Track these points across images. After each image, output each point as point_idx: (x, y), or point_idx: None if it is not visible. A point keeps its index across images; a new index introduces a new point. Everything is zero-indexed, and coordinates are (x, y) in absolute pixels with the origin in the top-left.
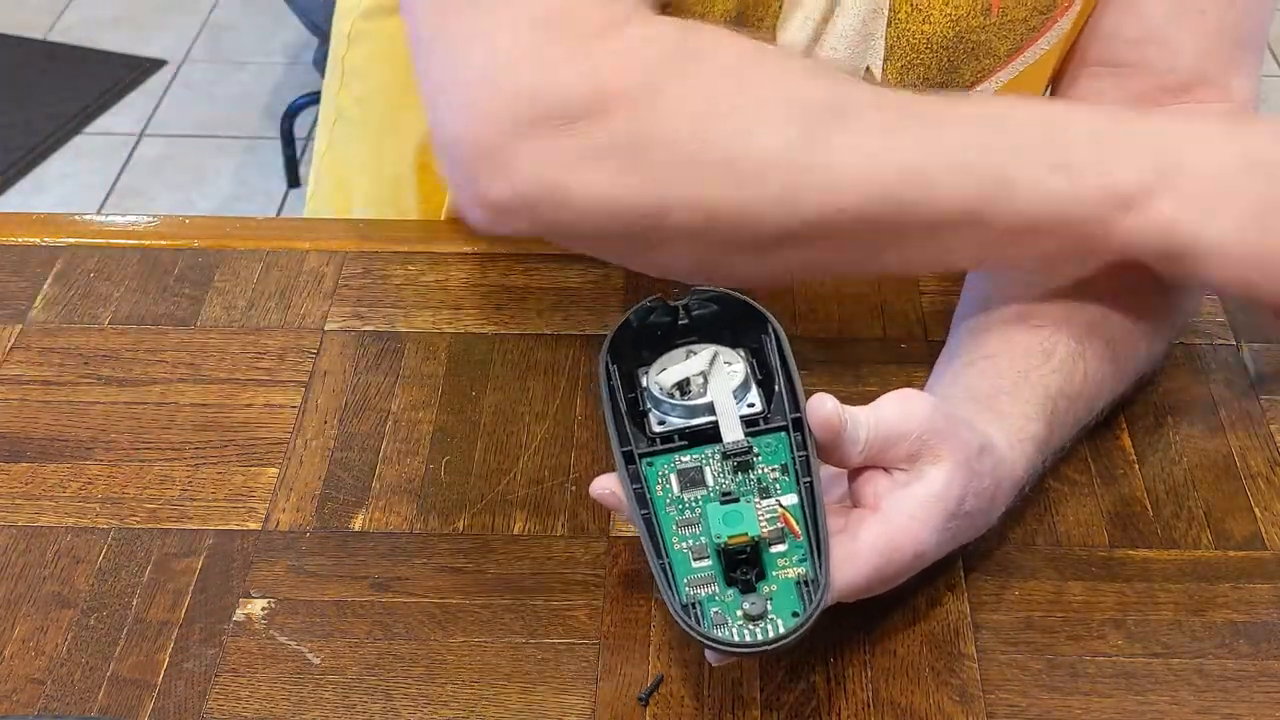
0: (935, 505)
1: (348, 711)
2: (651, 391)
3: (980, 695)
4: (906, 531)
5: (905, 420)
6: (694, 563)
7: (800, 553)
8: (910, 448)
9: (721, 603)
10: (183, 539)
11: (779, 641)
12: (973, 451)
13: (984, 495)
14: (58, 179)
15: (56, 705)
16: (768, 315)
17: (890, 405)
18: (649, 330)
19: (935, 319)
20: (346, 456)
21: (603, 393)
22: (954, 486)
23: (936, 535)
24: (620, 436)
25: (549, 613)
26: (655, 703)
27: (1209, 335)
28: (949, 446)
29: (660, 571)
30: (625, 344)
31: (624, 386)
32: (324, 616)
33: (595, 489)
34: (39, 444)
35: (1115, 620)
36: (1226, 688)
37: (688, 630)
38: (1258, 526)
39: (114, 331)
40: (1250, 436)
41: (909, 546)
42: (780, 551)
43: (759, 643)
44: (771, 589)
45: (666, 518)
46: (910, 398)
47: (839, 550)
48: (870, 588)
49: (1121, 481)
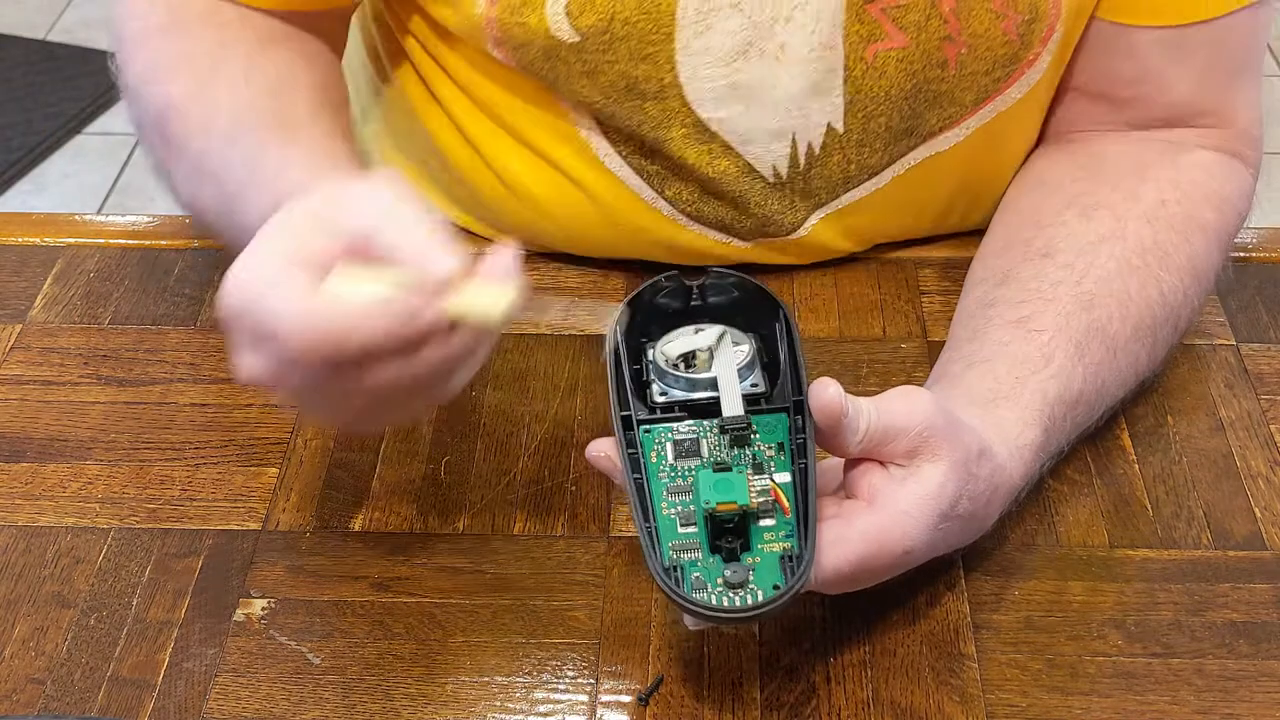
0: (929, 504)
1: (348, 711)
2: (656, 363)
3: (980, 695)
4: (898, 526)
5: (908, 415)
6: (680, 528)
7: (787, 529)
8: (910, 444)
9: (704, 568)
10: (183, 539)
11: (757, 610)
12: (972, 454)
13: (979, 499)
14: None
15: (56, 705)
16: (780, 302)
17: (894, 399)
18: (661, 307)
19: (935, 319)
20: (346, 456)
21: (608, 358)
22: (949, 487)
23: (928, 534)
24: (620, 401)
25: (549, 613)
26: (655, 703)
27: (1209, 335)
28: (949, 446)
29: (645, 534)
30: (636, 317)
31: (630, 359)
32: (324, 616)
33: (590, 452)
34: (39, 444)
35: (1115, 620)
36: (1226, 688)
37: (667, 592)
38: (1258, 526)
39: (114, 331)
40: (1250, 436)
41: (899, 542)
42: (768, 526)
43: (736, 609)
44: (755, 560)
45: (658, 484)
46: (915, 394)
47: (828, 533)
48: (855, 577)
49: (1121, 482)
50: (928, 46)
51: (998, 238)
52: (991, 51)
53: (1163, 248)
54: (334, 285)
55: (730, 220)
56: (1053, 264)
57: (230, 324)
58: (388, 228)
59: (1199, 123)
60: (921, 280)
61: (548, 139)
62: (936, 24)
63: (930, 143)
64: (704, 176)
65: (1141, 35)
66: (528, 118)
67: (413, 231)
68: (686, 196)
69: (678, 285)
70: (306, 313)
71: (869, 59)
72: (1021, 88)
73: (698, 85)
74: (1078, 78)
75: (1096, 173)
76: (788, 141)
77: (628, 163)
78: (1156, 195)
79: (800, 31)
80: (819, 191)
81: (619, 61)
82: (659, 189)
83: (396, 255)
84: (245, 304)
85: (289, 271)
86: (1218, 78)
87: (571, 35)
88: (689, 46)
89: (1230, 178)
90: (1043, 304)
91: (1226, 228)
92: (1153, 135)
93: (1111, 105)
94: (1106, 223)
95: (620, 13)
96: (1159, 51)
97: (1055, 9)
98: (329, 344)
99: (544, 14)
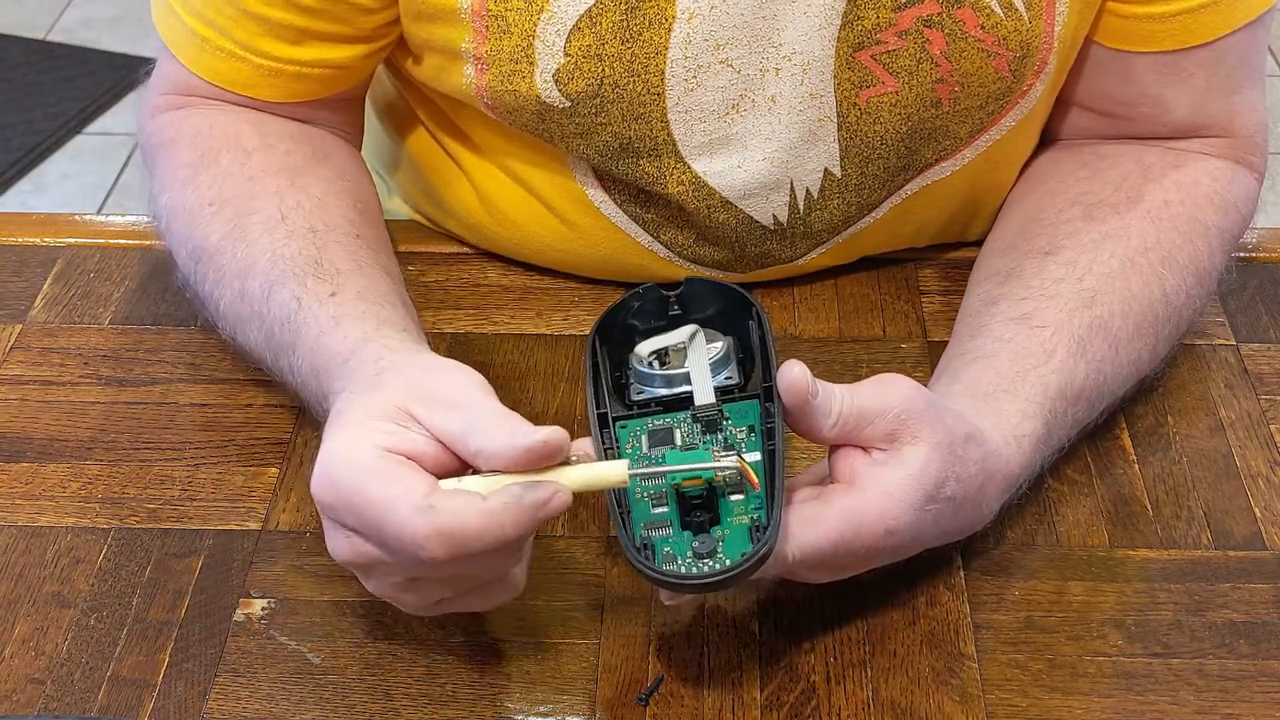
0: (911, 484)
1: (348, 711)
2: (633, 364)
3: (980, 695)
4: (878, 505)
5: (883, 397)
6: (653, 509)
7: (756, 503)
8: (888, 426)
9: (674, 543)
10: (183, 539)
11: (723, 575)
12: (956, 436)
13: (970, 484)
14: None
15: (56, 705)
16: (752, 299)
17: (869, 384)
18: (641, 316)
19: (935, 319)
20: None
21: (586, 361)
22: (932, 468)
23: (912, 514)
24: (596, 400)
25: (549, 613)
26: (655, 703)
27: (1209, 335)
28: (929, 428)
29: (619, 517)
30: (616, 325)
31: (611, 367)
32: (324, 616)
33: (572, 454)
34: (39, 444)
35: (1115, 620)
36: (1226, 688)
37: (639, 567)
38: (1258, 526)
39: (114, 331)
40: (1250, 436)
41: (879, 520)
42: (737, 501)
43: (703, 574)
44: (724, 533)
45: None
46: (891, 379)
47: (806, 512)
48: (835, 559)
49: (1121, 481)
50: (920, 89)
51: (1001, 237)
52: (984, 88)
53: (1165, 247)
54: (449, 484)
55: (728, 261)
56: (1055, 261)
57: (326, 509)
58: (475, 430)
59: (1201, 134)
60: (921, 280)
61: (543, 183)
62: (928, 67)
63: (927, 173)
64: (702, 225)
65: (1138, 60)
66: (523, 161)
67: (499, 431)
68: (683, 241)
69: (656, 295)
70: (426, 510)
71: (862, 105)
72: (1016, 116)
73: (691, 141)
74: (1077, 94)
75: (1100, 173)
76: (786, 190)
77: (624, 210)
78: (1160, 195)
79: (790, 82)
80: (820, 233)
81: (611, 123)
82: (655, 234)
83: (485, 460)
84: (344, 493)
85: (390, 462)
86: (1217, 95)
87: (562, 101)
88: (680, 104)
89: (1234, 182)
90: (1045, 300)
91: (1230, 230)
92: (1155, 142)
93: (1110, 121)
94: (1110, 221)
95: (609, 76)
96: (1156, 76)
97: (1047, 44)
98: (455, 544)
99: (533, 82)
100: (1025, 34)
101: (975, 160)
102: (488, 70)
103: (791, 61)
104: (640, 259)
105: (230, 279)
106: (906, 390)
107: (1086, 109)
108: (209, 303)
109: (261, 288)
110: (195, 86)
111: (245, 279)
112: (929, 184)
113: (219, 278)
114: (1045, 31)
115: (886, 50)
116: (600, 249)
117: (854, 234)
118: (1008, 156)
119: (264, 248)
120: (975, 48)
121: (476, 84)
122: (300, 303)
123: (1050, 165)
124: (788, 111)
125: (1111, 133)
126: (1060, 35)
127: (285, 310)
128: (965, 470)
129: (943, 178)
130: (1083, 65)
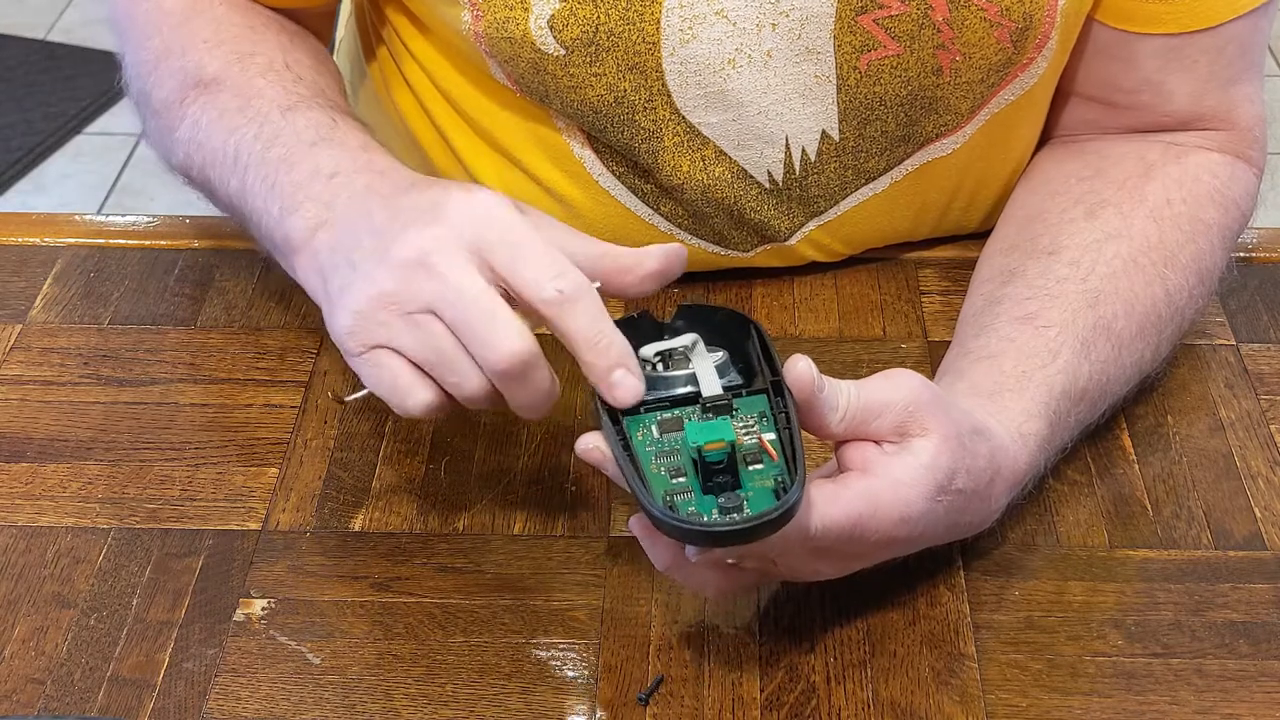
0: (924, 474)
1: (348, 711)
2: None
3: (980, 695)
4: (892, 491)
5: (891, 391)
6: (672, 480)
7: (777, 470)
8: (896, 419)
9: (698, 504)
10: (183, 539)
11: (755, 522)
12: (964, 429)
13: (980, 477)
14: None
15: (56, 705)
16: (748, 317)
17: (876, 378)
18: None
19: (935, 319)
20: (346, 456)
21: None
22: (943, 458)
23: (925, 503)
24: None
25: (549, 613)
26: (655, 703)
27: (1209, 335)
28: (937, 421)
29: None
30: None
31: None
32: (324, 616)
33: (580, 446)
34: (39, 444)
35: (1115, 620)
36: (1226, 688)
37: (665, 521)
38: (1258, 526)
39: (114, 331)
40: (1250, 436)
41: (894, 506)
42: (757, 470)
43: (735, 523)
44: (748, 495)
45: (645, 454)
46: (898, 373)
47: (824, 489)
48: (852, 537)
49: (1121, 482)
50: (922, 54)
51: (1003, 237)
52: (986, 59)
53: (1168, 246)
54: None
55: (726, 231)
56: (1059, 261)
57: (468, 246)
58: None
59: (1201, 126)
60: (922, 280)
61: (539, 160)
62: (930, 33)
63: (928, 148)
64: (699, 184)
65: (1141, 44)
66: (520, 137)
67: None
68: (681, 213)
69: (648, 322)
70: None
71: (862, 68)
72: (1016, 90)
73: (686, 93)
74: (1078, 82)
75: (1102, 172)
76: (781, 146)
77: (622, 181)
78: (1162, 194)
79: (786, 37)
80: (816, 200)
81: (606, 74)
82: (655, 205)
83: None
84: (511, 227)
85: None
86: (1218, 84)
87: (556, 48)
88: (675, 55)
89: (1234, 178)
90: (1049, 300)
91: (1231, 227)
92: (1156, 137)
93: (1112, 110)
94: (1112, 221)
95: (604, 24)
96: (1159, 61)
97: (1050, 16)
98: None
99: (527, 28)
100: (1028, 5)
101: (976, 138)
102: (483, 17)
103: (789, 16)
104: (640, 233)
105: (229, 99)
106: (913, 383)
107: (1087, 99)
108: (188, 136)
109: (280, 110)
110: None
111: (250, 99)
112: (929, 160)
113: (211, 100)
114: (1048, 4)
115: (889, 14)
116: (598, 227)
117: (852, 209)
118: (1008, 140)
119: (271, 82)
120: (978, 16)
121: (473, 30)
122: (336, 123)
123: (1052, 164)
124: (783, 65)
125: (1112, 124)
126: (1064, 9)
127: (317, 122)
128: (975, 463)
129: (943, 155)
130: (1085, 50)
